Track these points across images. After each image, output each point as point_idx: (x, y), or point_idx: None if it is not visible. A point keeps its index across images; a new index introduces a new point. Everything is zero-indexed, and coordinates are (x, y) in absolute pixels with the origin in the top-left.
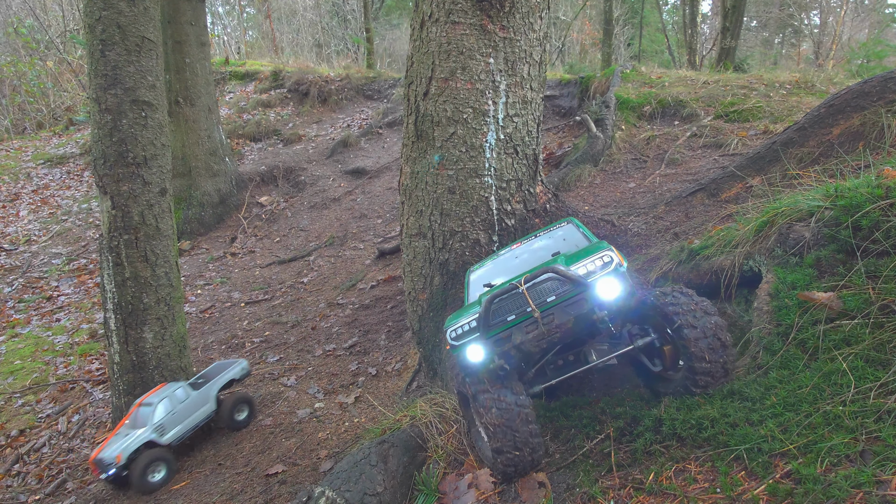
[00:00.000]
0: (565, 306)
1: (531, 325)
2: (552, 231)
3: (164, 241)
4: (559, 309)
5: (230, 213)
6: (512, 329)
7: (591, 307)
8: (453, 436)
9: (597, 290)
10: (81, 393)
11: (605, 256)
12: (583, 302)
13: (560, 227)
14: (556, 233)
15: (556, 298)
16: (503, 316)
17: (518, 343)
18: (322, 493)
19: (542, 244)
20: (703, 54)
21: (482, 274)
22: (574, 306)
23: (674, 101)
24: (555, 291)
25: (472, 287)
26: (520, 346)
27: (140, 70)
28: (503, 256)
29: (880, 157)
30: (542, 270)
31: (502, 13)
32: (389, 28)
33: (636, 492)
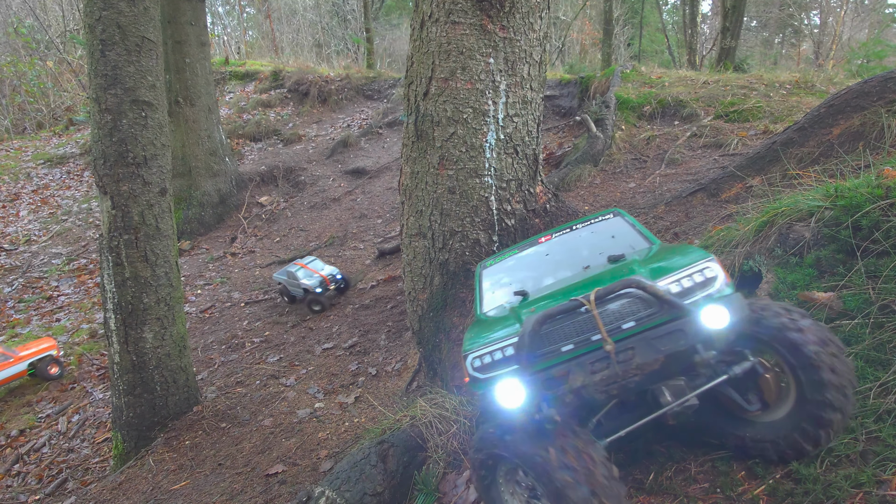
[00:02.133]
0: (651, 339)
1: (599, 363)
2: (594, 224)
3: (164, 241)
4: (642, 342)
5: (230, 213)
6: (570, 365)
7: (691, 344)
8: (453, 436)
9: (701, 320)
10: (81, 393)
11: (708, 269)
12: (679, 335)
13: (604, 220)
14: (600, 226)
15: (637, 326)
16: (556, 344)
17: (578, 386)
18: (322, 493)
19: (583, 240)
20: (703, 54)
21: (501, 271)
22: (665, 340)
23: (674, 101)
24: (633, 315)
25: (486, 289)
26: (580, 391)
27: (140, 70)
28: (528, 252)
29: (880, 157)
30: (622, 284)
31: (502, 13)
32: (389, 28)
33: (636, 492)
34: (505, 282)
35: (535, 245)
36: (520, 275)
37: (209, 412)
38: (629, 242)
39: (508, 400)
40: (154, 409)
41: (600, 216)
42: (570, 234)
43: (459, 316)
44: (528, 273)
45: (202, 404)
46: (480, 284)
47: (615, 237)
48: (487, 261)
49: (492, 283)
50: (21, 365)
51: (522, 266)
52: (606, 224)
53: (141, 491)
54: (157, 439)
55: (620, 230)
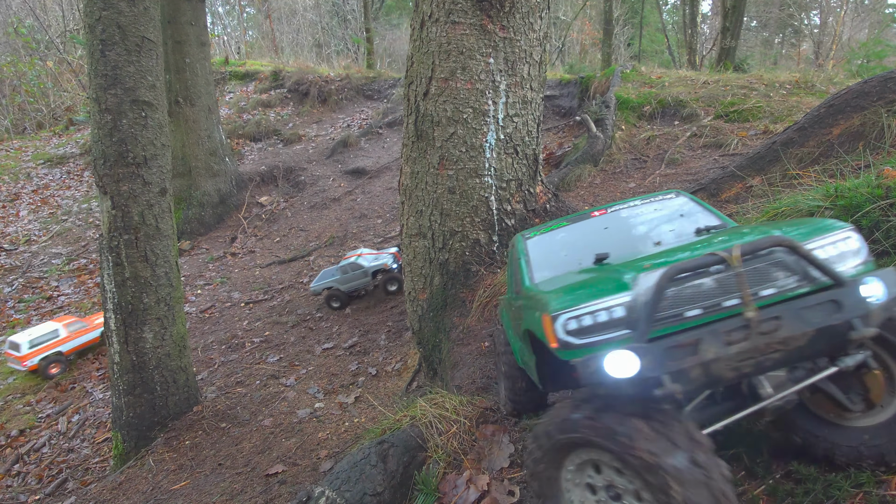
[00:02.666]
0: (800, 309)
1: (736, 332)
2: (655, 202)
3: (164, 241)
4: (789, 312)
5: (230, 213)
6: (700, 333)
7: (848, 319)
8: (453, 436)
9: (861, 293)
10: (81, 393)
11: (850, 239)
12: (833, 307)
13: (667, 199)
14: (664, 204)
15: (778, 293)
16: (678, 307)
17: (710, 359)
18: (322, 493)
19: (647, 216)
20: (703, 54)
21: (552, 243)
22: (816, 312)
23: (674, 101)
24: (774, 282)
25: (535, 260)
26: (710, 366)
27: (140, 70)
28: (582, 225)
29: (880, 157)
30: (770, 241)
31: (502, 13)
32: (389, 28)
33: None
34: (563, 253)
35: (588, 218)
36: (578, 247)
37: (209, 412)
38: (704, 221)
39: (618, 370)
40: (154, 409)
41: (660, 195)
42: (631, 210)
43: (459, 316)
44: (588, 246)
45: (202, 404)
46: (527, 254)
47: (685, 216)
48: (529, 232)
49: (543, 254)
50: (97, 331)
51: (578, 238)
52: (670, 202)
53: (141, 491)
54: (157, 439)
55: (690, 209)
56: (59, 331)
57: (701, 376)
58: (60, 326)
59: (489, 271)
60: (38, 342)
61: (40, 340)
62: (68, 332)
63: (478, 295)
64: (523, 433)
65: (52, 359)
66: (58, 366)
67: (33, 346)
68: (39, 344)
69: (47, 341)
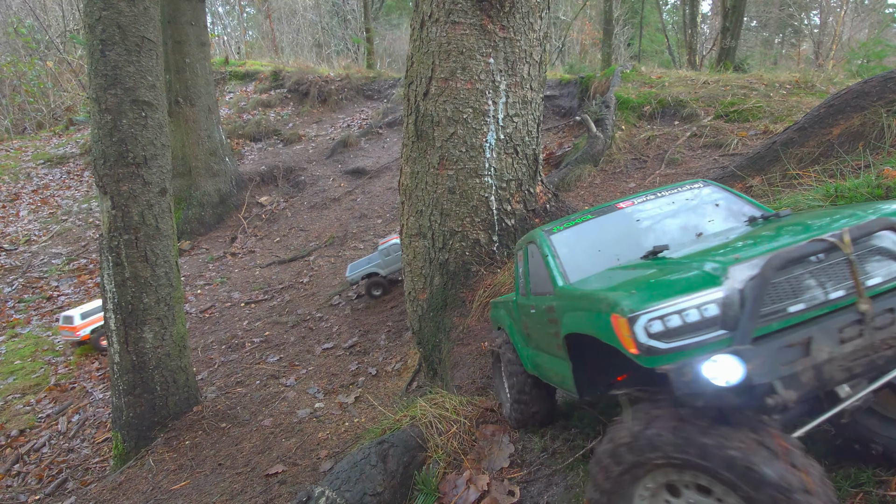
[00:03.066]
0: None
1: (850, 328)
2: (683, 192)
3: (164, 241)
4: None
5: (230, 213)
6: (810, 330)
7: None
8: (453, 436)
9: None
10: (81, 393)
11: None
12: None
13: (695, 188)
14: (694, 193)
15: (884, 281)
16: (780, 303)
17: (824, 360)
18: (322, 493)
19: (680, 207)
20: (703, 54)
21: (582, 238)
22: None
23: (674, 101)
24: (879, 269)
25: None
26: (823, 368)
27: (140, 70)
28: (610, 217)
29: (880, 157)
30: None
31: (502, 13)
32: (389, 28)
33: None
34: (596, 248)
35: (615, 211)
36: (613, 241)
37: (209, 412)
38: (745, 210)
39: (720, 377)
40: (154, 409)
41: (686, 185)
42: (660, 201)
43: (459, 316)
44: (624, 239)
45: (202, 404)
46: (554, 251)
47: (720, 205)
48: (552, 226)
49: (574, 250)
50: None
51: (611, 232)
52: (699, 192)
53: (141, 491)
54: (157, 439)
55: (724, 197)
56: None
57: (812, 380)
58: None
59: (489, 271)
60: (89, 314)
61: (91, 313)
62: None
63: (478, 295)
64: (524, 434)
65: (101, 331)
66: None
67: (85, 318)
68: (90, 315)
69: (97, 314)
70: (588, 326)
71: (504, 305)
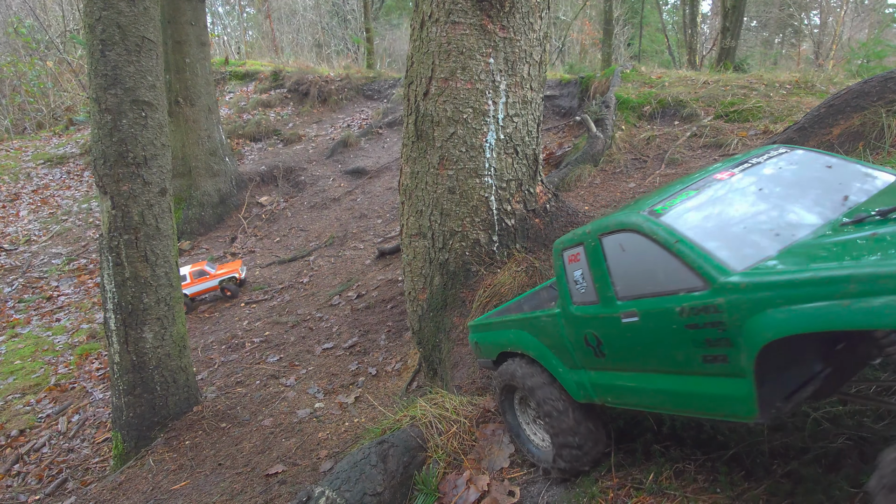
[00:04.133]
0: None
1: None
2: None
3: (164, 241)
4: None
5: (230, 213)
6: None
7: None
8: (453, 436)
9: None
10: (81, 393)
11: None
12: None
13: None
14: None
15: None
16: None
17: None
18: (322, 493)
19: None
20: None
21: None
22: None
23: (674, 101)
24: None
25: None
26: None
27: (140, 70)
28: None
29: (880, 157)
30: None
31: (502, 13)
32: (389, 28)
33: (636, 492)
34: (739, 225)
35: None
36: (753, 215)
37: (209, 412)
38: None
39: None
40: (154, 409)
41: (770, 150)
42: (762, 168)
43: (459, 316)
44: (767, 212)
45: (202, 404)
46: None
47: (833, 167)
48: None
49: (709, 232)
50: (215, 281)
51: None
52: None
53: (141, 491)
54: (157, 439)
55: (828, 161)
56: (185, 276)
57: None
58: (188, 273)
59: (489, 271)
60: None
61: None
62: (192, 278)
63: (478, 295)
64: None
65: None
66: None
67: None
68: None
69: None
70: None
71: (522, 324)
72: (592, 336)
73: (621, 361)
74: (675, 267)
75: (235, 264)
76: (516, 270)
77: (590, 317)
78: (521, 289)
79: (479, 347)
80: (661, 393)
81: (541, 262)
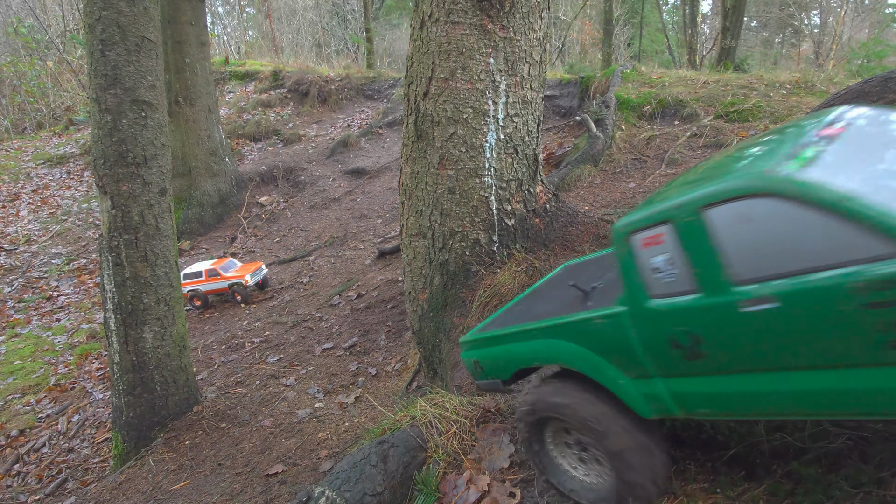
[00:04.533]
0: None
1: None
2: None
3: (164, 241)
4: None
5: (230, 213)
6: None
7: None
8: (453, 436)
9: None
10: (81, 393)
11: None
12: None
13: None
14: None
15: None
16: None
17: None
18: (322, 493)
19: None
20: (703, 54)
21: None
22: None
23: (674, 101)
24: None
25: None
26: None
27: (140, 70)
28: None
29: None
30: None
31: (502, 13)
32: (389, 28)
33: None
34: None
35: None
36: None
37: (209, 412)
38: None
39: None
40: (154, 409)
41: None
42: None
43: (459, 316)
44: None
45: (202, 404)
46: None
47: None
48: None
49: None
50: (225, 283)
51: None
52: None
53: (141, 491)
54: (157, 439)
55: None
56: (201, 273)
57: None
58: (203, 270)
59: (489, 271)
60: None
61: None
62: (207, 276)
63: (478, 295)
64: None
65: (191, 294)
66: (198, 300)
67: (185, 279)
68: (187, 279)
69: (193, 279)
70: None
71: (556, 331)
72: (685, 335)
73: (734, 362)
74: (841, 233)
75: (251, 266)
76: (516, 270)
77: (682, 310)
78: (522, 289)
79: (480, 367)
80: (812, 395)
81: (541, 262)
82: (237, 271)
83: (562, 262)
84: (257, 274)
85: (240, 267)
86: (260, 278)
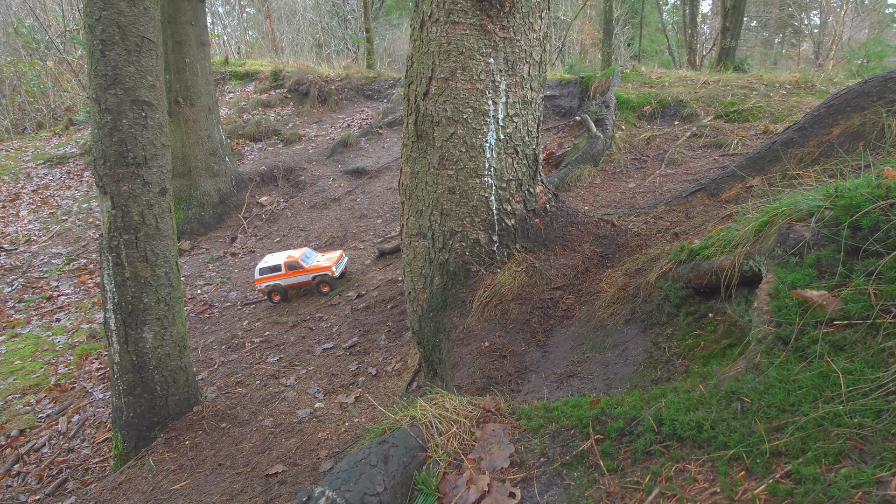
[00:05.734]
0: None
1: None
2: None
3: (164, 241)
4: None
5: (230, 213)
6: None
7: None
8: (453, 436)
9: None
10: (81, 393)
11: None
12: None
13: None
14: None
15: None
16: None
17: None
18: (322, 493)
19: None
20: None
21: None
22: None
23: (674, 101)
24: None
25: None
26: None
27: (140, 70)
28: None
29: (880, 157)
30: None
31: (502, 13)
32: (389, 28)
33: (634, 492)
34: None
35: None
36: None
37: (209, 412)
38: None
39: None
40: (154, 409)
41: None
42: None
43: (459, 316)
44: None
45: (202, 404)
46: None
47: None
48: None
49: None
50: (308, 275)
51: None
52: None
53: (141, 491)
54: (157, 439)
55: None
56: (281, 266)
57: None
58: (282, 263)
59: (489, 271)
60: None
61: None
62: (287, 269)
63: (478, 295)
64: (524, 434)
65: (270, 289)
66: (276, 295)
67: (262, 274)
68: (264, 274)
69: (271, 273)
70: None
71: None
72: None
73: None
74: None
75: (334, 255)
76: (516, 270)
77: None
78: (521, 288)
79: None
80: None
81: (541, 262)
82: (321, 262)
83: (562, 261)
84: (341, 263)
85: (322, 257)
86: (343, 268)
